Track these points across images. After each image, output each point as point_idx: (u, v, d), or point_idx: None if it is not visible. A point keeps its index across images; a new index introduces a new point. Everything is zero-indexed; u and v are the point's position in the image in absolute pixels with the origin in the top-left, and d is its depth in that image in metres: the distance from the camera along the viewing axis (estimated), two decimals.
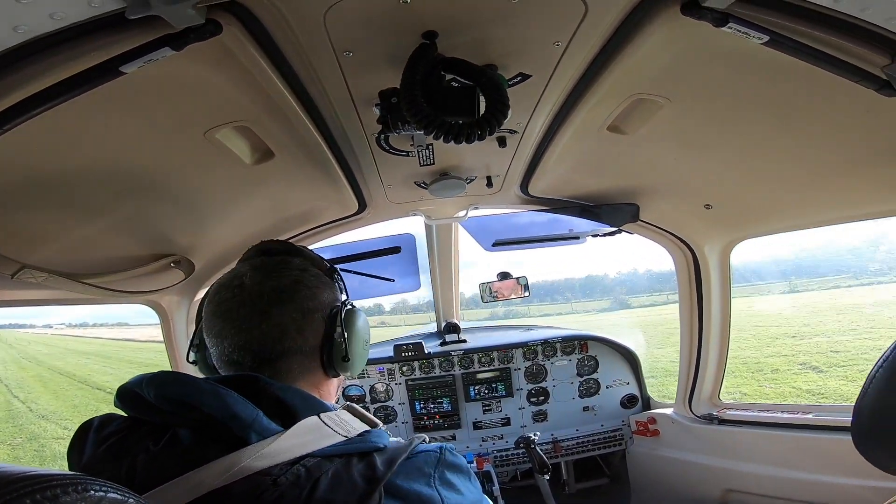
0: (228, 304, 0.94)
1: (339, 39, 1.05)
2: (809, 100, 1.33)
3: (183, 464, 0.75)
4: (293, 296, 0.96)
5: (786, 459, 2.41)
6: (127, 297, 1.97)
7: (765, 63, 1.14)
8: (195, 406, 0.79)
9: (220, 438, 0.78)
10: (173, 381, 0.83)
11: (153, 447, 0.79)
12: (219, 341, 0.94)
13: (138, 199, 1.50)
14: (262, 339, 0.92)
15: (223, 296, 0.96)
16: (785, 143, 1.58)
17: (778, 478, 2.41)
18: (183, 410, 0.80)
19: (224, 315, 0.94)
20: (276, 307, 0.93)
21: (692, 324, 2.80)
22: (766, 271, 31.52)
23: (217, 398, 0.79)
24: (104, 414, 0.90)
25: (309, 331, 0.96)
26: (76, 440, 0.87)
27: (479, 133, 1.10)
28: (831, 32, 0.95)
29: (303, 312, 0.96)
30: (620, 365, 3.57)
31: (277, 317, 0.93)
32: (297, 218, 2.28)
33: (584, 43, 1.15)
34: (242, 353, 0.93)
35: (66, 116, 0.94)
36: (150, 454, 0.78)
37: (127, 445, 0.81)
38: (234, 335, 0.93)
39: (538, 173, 2.06)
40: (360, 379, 3.50)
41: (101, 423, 0.88)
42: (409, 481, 0.79)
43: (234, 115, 1.28)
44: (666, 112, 1.47)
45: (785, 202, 2.00)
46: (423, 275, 3.38)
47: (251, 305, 0.93)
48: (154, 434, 0.82)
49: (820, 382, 12.24)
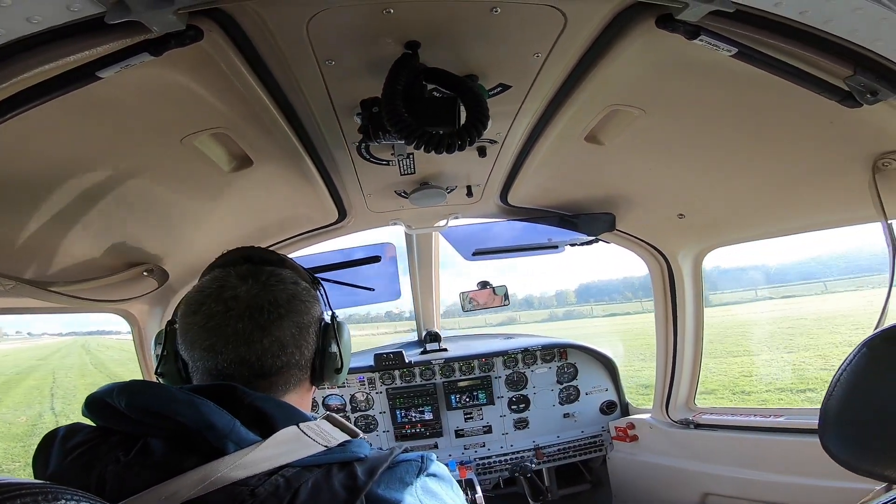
0: (221, 317, 0.90)
1: (321, 48, 1.05)
2: (777, 111, 1.38)
3: (156, 474, 0.72)
4: (290, 310, 0.94)
5: (759, 462, 2.47)
6: (97, 306, 1.91)
7: (735, 75, 1.18)
8: (168, 416, 0.77)
9: (195, 449, 0.76)
10: (146, 391, 0.81)
11: (124, 457, 0.76)
12: (210, 356, 0.90)
13: (111, 205, 1.46)
14: (261, 354, 0.90)
15: (213, 308, 0.91)
16: (754, 153, 1.63)
17: (753, 480, 2.46)
18: (156, 420, 0.78)
19: (216, 329, 0.90)
20: (276, 322, 0.91)
21: (667, 330, 2.86)
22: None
23: (192, 408, 0.77)
24: (69, 423, 0.87)
25: (304, 345, 0.96)
26: (40, 451, 0.84)
27: (460, 143, 1.11)
28: (797, 45, 0.99)
29: (299, 327, 0.95)
30: (599, 372, 3.62)
31: (277, 331, 0.91)
32: (275, 226, 2.25)
33: (563, 54, 1.17)
34: (238, 367, 0.89)
35: (39, 120, 0.91)
36: (122, 464, 0.75)
37: (96, 455, 0.78)
38: (231, 350, 0.89)
39: (517, 183, 2.09)
40: (339, 388, 3.45)
41: (67, 432, 0.84)
42: (390, 491, 0.78)
43: (213, 121, 1.26)
44: (641, 122, 1.51)
45: (754, 211, 2.07)
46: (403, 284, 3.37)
47: (250, 319, 0.90)
48: (124, 444, 0.79)
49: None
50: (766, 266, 36.61)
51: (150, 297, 2.09)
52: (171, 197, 1.60)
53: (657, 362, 2.99)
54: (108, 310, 2.09)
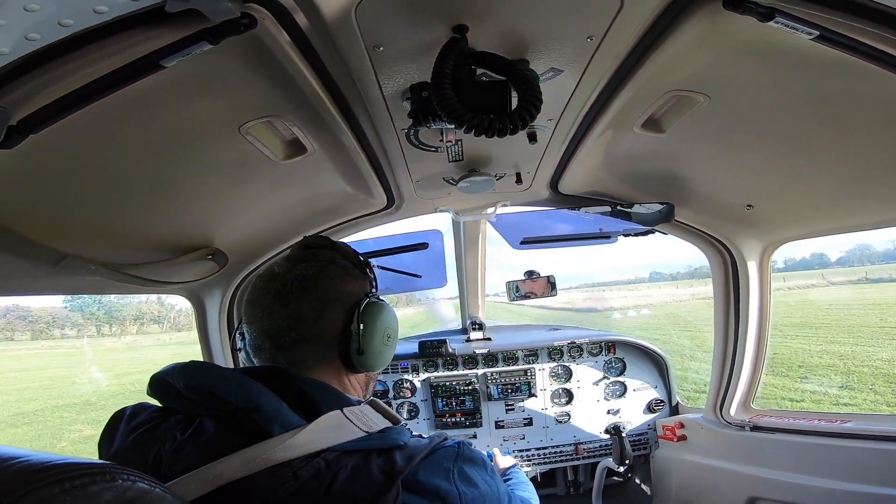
0: (259, 291, 0.99)
1: (369, 34, 1.05)
2: (857, 98, 1.26)
3: (206, 454, 0.76)
4: (315, 283, 0.98)
5: (818, 467, 2.29)
6: (164, 288, 2.03)
7: (811, 59, 1.09)
8: (221, 396, 0.81)
9: (243, 429, 0.79)
10: (202, 371, 0.86)
11: (180, 436, 0.81)
12: (249, 328, 0.99)
13: (174, 191, 1.55)
14: (279, 326, 0.95)
15: (257, 284, 1.00)
16: (832, 142, 1.49)
17: (808, 486, 2.29)
18: (210, 400, 0.82)
19: (254, 302, 0.99)
20: (296, 295, 0.96)
21: (727, 327, 2.69)
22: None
23: (243, 389, 0.81)
24: (136, 403, 0.93)
25: (326, 321, 0.97)
26: (108, 429, 0.90)
27: (511, 128, 1.08)
28: (883, 28, 0.90)
29: (321, 302, 0.97)
30: (648, 368, 3.50)
31: (295, 304, 0.96)
32: (326, 212, 2.31)
33: (618, 38, 1.11)
34: (264, 338, 0.96)
35: (107, 110, 0.97)
36: (176, 443, 0.80)
37: (156, 434, 0.83)
38: (260, 321, 0.96)
39: (569, 170, 2.02)
40: (383, 374, 3.52)
41: (133, 412, 0.91)
42: (427, 476, 0.79)
43: (267, 109, 1.30)
44: (705, 109, 1.42)
45: (832, 203, 1.89)
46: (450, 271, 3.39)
47: (276, 293, 0.96)
48: (183, 424, 0.84)
49: None
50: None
51: (211, 279, 2.21)
52: (229, 183, 1.67)
53: (714, 360, 2.83)
54: (174, 291, 2.22)
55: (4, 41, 0.74)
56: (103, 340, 41.85)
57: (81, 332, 44.10)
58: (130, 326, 48.50)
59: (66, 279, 1.49)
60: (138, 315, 50.62)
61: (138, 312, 50.46)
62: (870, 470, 2.07)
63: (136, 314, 50.61)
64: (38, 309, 44.29)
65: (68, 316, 45.98)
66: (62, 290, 1.69)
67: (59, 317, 45.33)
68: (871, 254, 46.90)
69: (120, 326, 47.93)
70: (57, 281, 1.50)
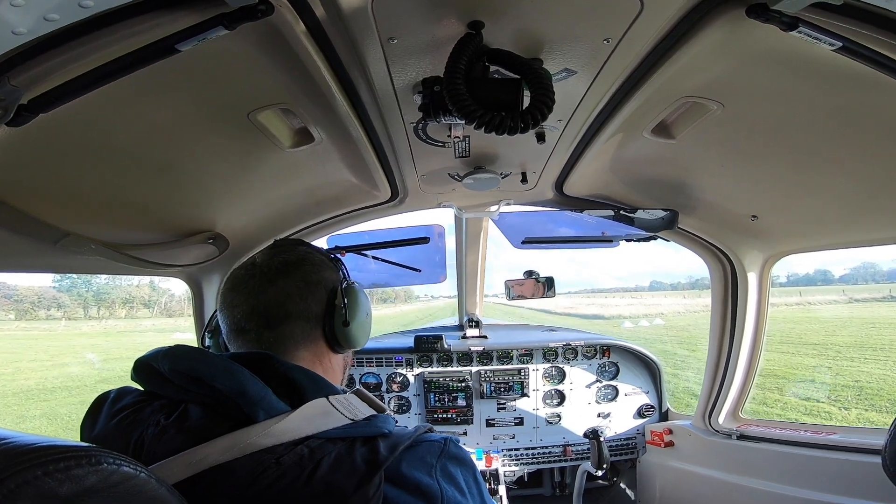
0: (242, 278, 1.01)
1: (384, 25, 1.04)
2: (873, 110, 1.25)
3: (189, 439, 0.76)
4: (298, 268, 1.03)
5: (805, 479, 2.30)
6: (163, 270, 2.02)
7: (830, 70, 1.08)
8: (206, 381, 0.80)
9: (228, 415, 0.79)
10: (187, 356, 0.85)
11: (164, 421, 0.80)
12: (231, 311, 1.00)
13: (179, 174, 1.54)
14: (267, 303, 0.97)
15: (238, 273, 1.04)
16: (841, 155, 1.49)
17: (795, 497, 2.31)
18: (195, 385, 0.82)
19: (236, 287, 1.01)
20: (282, 276, 1.00)
21: (722, 336, 2.70)
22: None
23: (228, 374, 0.80)
24: (120, 387, 0.93)
25: (312, 299, 1.01)
26: (91, 411, 0.90)
27: (522, 126, 1.08)
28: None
29: (306, 283, 1.02)
30: (641, 373, 3.51)
31: (282, 282, 0.99)
32: (330, 201, 2.30)
33: (635, 41, 1.10)
34: (249, 319, 0.97)
35: (116, 90, 0.96)
36: (159, 428, 0.79)
37: (140, 418, 0.83)
38: (244, 303, 0.98)
39: (575, 172, 2.02)
40: (377, 367, 3.52)
41: (117, 395, 0.91)
42: (410, 469, 0.78)
43: (278, 97, 1.29)
44: (717, 117, 1.41)
45: (840, 218, 1.89)
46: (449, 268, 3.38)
47: (260, 276, 1.00)
48: (167, 409, 0.83)
49: None
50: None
51: (211, 264, 2.20)
52: (234, 169, 1.66)
53: (707, 368, 2.84)
54: (173, 274, 2.21)
55: (23, 20, 0.73)
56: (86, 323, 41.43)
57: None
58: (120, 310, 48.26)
59: (65, 257, 1.48)
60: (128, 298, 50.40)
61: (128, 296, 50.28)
62: (854, 482, 2.08)
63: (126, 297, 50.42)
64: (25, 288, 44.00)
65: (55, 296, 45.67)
66: (61, 268, 1.68)
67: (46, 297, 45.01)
68: (874, 272, 46.88)
69: (108, 309, 47.71)
70: (56, 259, 1.49)
